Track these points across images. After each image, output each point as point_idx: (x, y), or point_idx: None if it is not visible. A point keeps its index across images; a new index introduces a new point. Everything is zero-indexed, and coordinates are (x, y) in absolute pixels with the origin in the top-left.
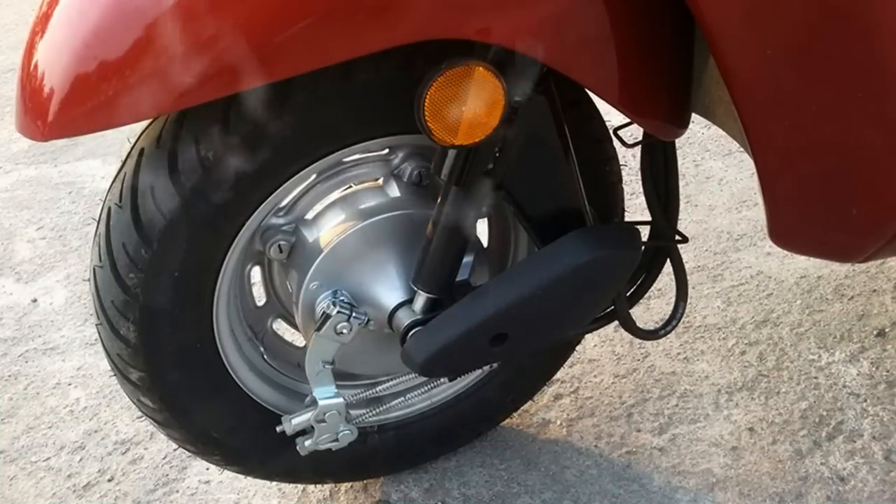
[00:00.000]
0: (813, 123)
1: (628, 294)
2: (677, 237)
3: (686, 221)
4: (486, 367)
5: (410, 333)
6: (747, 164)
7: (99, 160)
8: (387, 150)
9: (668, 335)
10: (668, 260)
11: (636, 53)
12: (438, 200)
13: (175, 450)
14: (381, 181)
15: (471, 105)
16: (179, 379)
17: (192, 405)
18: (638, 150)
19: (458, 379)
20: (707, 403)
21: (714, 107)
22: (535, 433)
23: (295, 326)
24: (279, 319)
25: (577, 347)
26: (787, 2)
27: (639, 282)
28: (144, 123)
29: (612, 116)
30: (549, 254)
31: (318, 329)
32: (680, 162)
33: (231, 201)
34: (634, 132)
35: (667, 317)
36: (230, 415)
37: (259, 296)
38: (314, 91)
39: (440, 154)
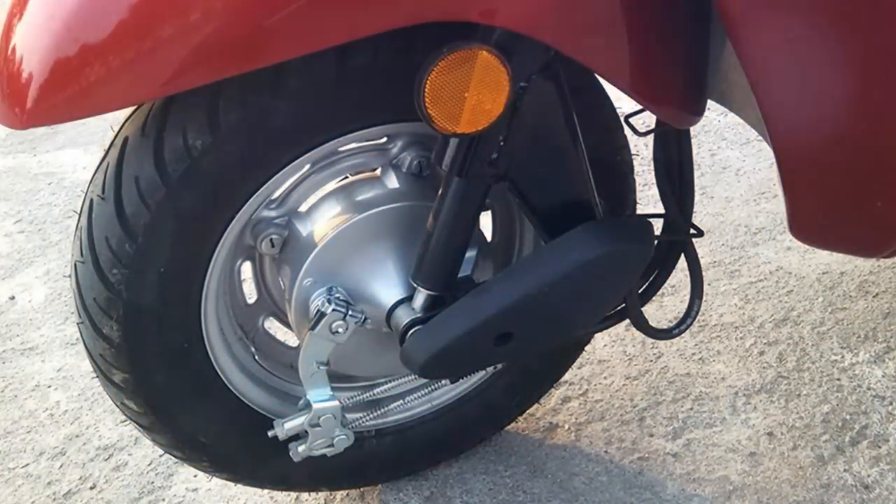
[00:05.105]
0: (836, 111)
1: (640, 291)
2: (692, 231)
3: (701, 214)
4: (490, 369)
5: (410, 332)
6: (766, 153)
7: (81, 149)
8: (385, 139)
9: (683, 334)
10: (683, 255)
11: (649, 36)
12: (439, 192)
13: (161, 456)
14: (378, 172)
15: (474, 91)
16: (165, 381)
17: (178, 408)
18: (650, 138)
19: (461, 381)
20: (724, 407)
21: (731, 93)
22: (541, 438)
23: (288, 325)
24: (271, 318)
25: (587, 347)
26: None
27: (651, 278)
28: (129, 111)
29: (623, 103)
30: (557, 248)
31: (313, 328)
32: (695, 151)
33: (220, 193)
34: (647, 120)
35: (681, 315)
36: (219, 419)
37: (250, 293)
38: (308, 76)
39: (441, 143)
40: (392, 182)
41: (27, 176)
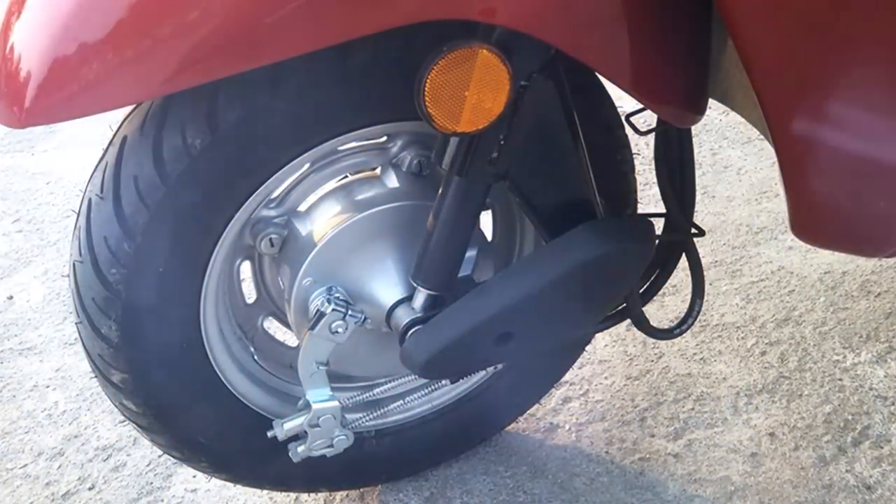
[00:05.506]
0: (837, 109)
1: (641, 291)
2: (693, 230)
3: (703, 213)
4: (490, 369)
5: (410, 332)
6: (767, 152)
7: (79, 148)
8: (385, 138)
9: (684, 334)
10: (684, 254)
11: (650, 35)
12: (439, 191)
13: (160, 456)
14: (378, 171)
15: (474, 90)
16: (164, 381)
17: (177, 409)
18: (651, 137)
19: (461, 381)
20: (725, 407)
21: (732, 92)
22: (542, 438)
23: (287, 325)
24: (270, 318)
25: (587, 347)
26: None
27: (652, 278)
28: (127, 109)
29: (624, 102)
30: (558, 248)
31: (312, 328)
32: (696, 150)
33: (219, 192)
34: (648, 119)
35: (682, 315)
36: (218, 419)
37: (249, 293)
38: (307, 75)
39: (441, 142)
40: (392, 181)
41: (25, 175)
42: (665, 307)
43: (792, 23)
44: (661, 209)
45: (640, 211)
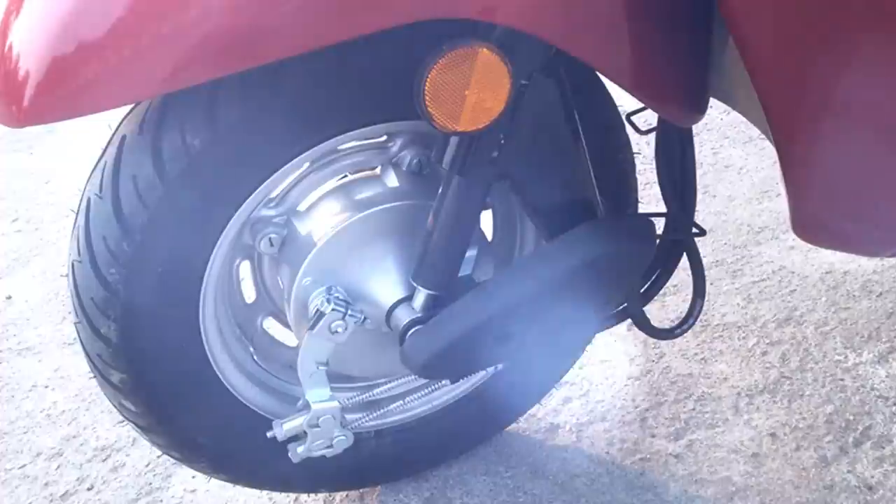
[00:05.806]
0: (839, 109)
1: (642, 290)
2: (694, 230)
3: (703, 213)
4: (490, 369)
5: (410, 332)
6: (769, 151)
7: (78, 148)
8: (385, 137)
9: (685, 334)
10: (685, 254)
11: (650, 33)
12: (440, 191)
13: (159, 456)
14: (378, 170)
15: (474, 89)
16: (163, 381)
17: (176, 409)
18: (652, 137)
19: (461, 381)
20: (726, 407)
21: (734, 91)
22: (542, 439)
23: (287, 325)
24: (270, 318)
25: (588, 347)
26: None
27: (653, 277)
28: (126, 109)
29: (624, 101)
30: (558, 247)
31: (312, 328)
32: (697, 150)
33: (218, 191)
34: (648, 118)
35: (683, 315)
36: (217, 419)
37: (248, 293)
38: (307, 74)
39: (441, 141)
40: (392, 181)
41: (24, 174)
42: (666, 307)
43: (793, 22)
44: (662, 209)
45: (640, 210)
